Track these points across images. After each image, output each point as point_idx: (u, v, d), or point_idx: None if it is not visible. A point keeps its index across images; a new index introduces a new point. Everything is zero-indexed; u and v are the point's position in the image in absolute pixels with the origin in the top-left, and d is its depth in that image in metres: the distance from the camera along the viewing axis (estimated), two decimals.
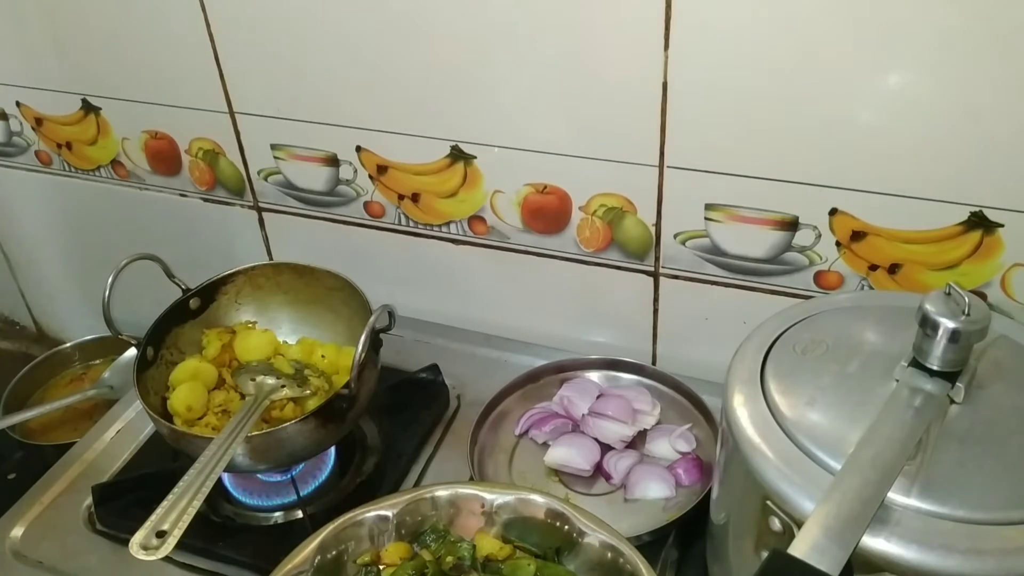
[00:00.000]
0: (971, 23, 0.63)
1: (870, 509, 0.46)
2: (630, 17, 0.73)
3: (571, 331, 0.97)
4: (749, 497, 0.54)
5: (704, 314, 0.88)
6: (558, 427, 0.85)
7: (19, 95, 1.10)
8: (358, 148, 0.93)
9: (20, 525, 0.81)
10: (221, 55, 0.93)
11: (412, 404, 0.90)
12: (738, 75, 0.72)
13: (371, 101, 0.89)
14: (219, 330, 0.89)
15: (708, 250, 0.83)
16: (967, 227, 0.72)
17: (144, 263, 0.83)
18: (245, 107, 0.96)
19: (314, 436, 0.75)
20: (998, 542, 0.46)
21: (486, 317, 1.00)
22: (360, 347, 0.74)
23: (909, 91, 0.68)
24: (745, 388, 0.58)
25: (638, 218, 0.85)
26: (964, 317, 0.51)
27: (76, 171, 1.14)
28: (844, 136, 0.72)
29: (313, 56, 0.88)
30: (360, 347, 0.74)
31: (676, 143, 0.78)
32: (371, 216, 0.98)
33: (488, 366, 0.96)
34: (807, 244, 0.79)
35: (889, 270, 0.77)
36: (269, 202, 1.03)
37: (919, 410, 0.51)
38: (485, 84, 0.83)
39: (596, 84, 0.78)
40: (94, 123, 1.07)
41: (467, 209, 0.92)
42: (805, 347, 0.60)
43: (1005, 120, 0.66)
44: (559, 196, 0.87)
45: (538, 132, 0.84)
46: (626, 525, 0.75)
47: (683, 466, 0.80)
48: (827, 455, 0.51)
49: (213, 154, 1.02)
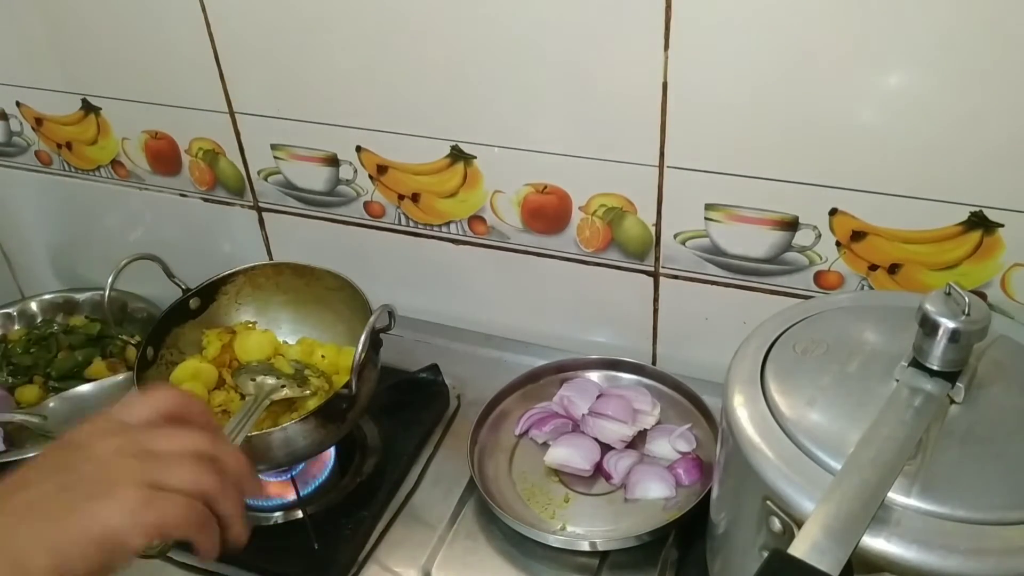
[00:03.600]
0: (971, 23, 0.63)
1: (870, 509, 0.46)
2: (630, 17, 0.73)
3: (571, 331, 0.97)
4: (749, 497, 0.54)
5: (704, 314, 0.88)
6: (558, 427, 0.85)
7: (19, 95, 1.10)
8: (358, 148, 0.93)
9: None
10: (221, 55, 0.93)
11: (412, 404, 0.90)
12: (738, 75, 0.72)
13: (371, 101, 0.89)
14: (219, 330, 0.89)
15: (708, 250, 0.83)
16: (967, 227, 0.72)
17: (144, 263, 0.84)
18: (245, 107, 0.96)
19: (314, 436, 0.75)
20: (998, 542, 0.46)
21: (486, 317, 1.00)
22: (360, 347, 0.74)
23: (909, 91, 0.68)
24: (745, 388, 0.58)
25: (638, 218, 0.85)
26: (964, 317, 0.51)
27: (76, 171, 1.14)
28: (844, 136, 0.72)
29: (313, 56, 0.88)
30: (360, 347, 0.74)
31: (676, 143, 0.78)
32: (371, 216, 0.98)
33: (488, 366, 0.96)
34: (807, 244, 0.79)
35: (889, 270, 0.77)
36: (269, 202, 1.03)
37: (919, 410, 0.51)
38: (485, 84, 0.83)
39: (596, 84, 0.78)
40: (94, 123, 1.07)
41: (467, 209, 0.92)
42: (805, 347, 0.60)
43: (1005, 120, 0.66)
44: (559, 196, 0.87)
45: (538, 132, 0.84)
46: (626, 525, 0.76)
47: (683, 466, 0.80)
48: (827, 455, 0.51)
49: (213, 154, 1.02)
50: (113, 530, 0.45)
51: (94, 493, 0.45)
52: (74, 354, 1.09)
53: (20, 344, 1.11)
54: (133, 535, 0.45)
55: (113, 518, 0.45)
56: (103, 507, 0.45)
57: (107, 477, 0.46)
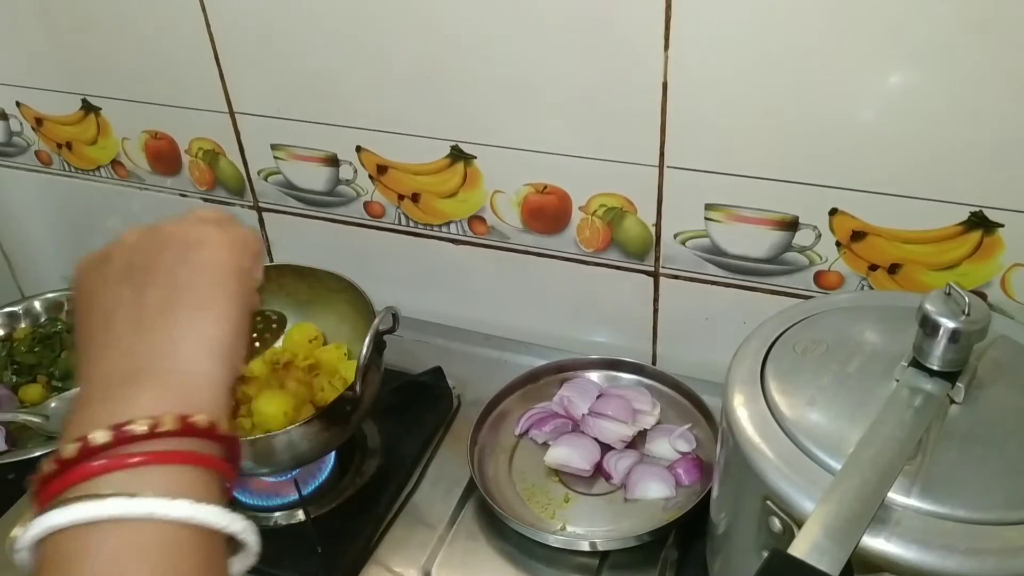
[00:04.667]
0: (971, 23, 0.63)
1: (870, 509, 0.46)
2: (630, 17, 0.73)
3: (571, 331, 0.97)
4: (749, 497, 0.54)
5: (704, 314, 0.88)
6: (558, 427, 0.85)
7: (19, 95, 1.10)
8: (358, 148, 0.93)
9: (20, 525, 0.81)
10: (221, 55, 0.93)
11: (414, 406, 0.90)
12: (738, 75, 0.72)
13: (371, 101, 0.89)
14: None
15: (708, 250, 0.83)
16: (967, 227, 0.72)
17: None
18: (245, 107, 0.96)
19: (318, 439, 0.74)
20: (998, 542, 0.46)
21: (486, 317, 1.00)
22: (365, 349, 0.74)
23: (909, 91, 0.68)
24: (745, 388, 0.58)
25: (638, 218, 0.85)
26: (964, 317, 0.51)
27: (76, 171, 1.14)
28: (844, 136, 0.72)
29: (313, 56, 0.88)
30: (365, 349, 0.74)
31: (676, 143, 0.78)
32: (371, 216, 0.98)
33: (488, 366, 0.96)
34: (807, 244, 0.79)
35: (889, 270, 0.77)
36: (269, 202, 1.03)
37: (919, 410, 0.51)
38: (485, 84, 0.83)
39: (596, 84, 0.78)
40: (94, 123, 1.07)
41: (467, 209, 0.92)
42: (805, 347, 0.60)
43: (1005, 120, 0.66)
44: (559, 196, 0.87)
45: (538, 132, 0.84)
46: (626, 525, 0.76)
47: (683, 466, 0.80)
48: (827, 455, 0.51)
49: (213, 154, 1.02)
50: (224, 261, 0.43)
51: (172, 259, 0.43)
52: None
53: (24, 343, 1.11)
54: (240, 255, 0.44)
55: (212, 253, 0.43)
56: (196, 254, 0.43)
57: (164, 245, 0.44)
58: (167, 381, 0.39)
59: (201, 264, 0.43)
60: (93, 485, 0.35)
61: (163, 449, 0.36)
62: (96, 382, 0.40)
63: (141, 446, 0.36)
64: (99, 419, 0.36)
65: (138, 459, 0.35)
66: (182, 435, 0.37)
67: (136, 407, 0.37)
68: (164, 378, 0.39)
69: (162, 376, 0.39)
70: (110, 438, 0.36)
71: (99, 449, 0.35)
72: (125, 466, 0.35)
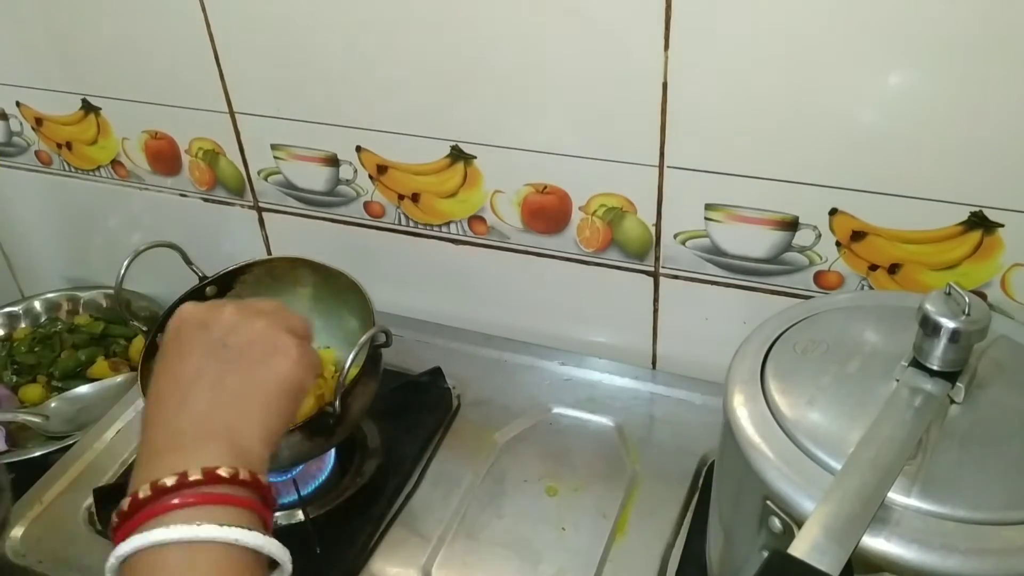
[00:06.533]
0: (971, 23, 0.63)
1: (870, 509, 0.46)
2: (630, 17, 0.73)
3: (571, 331, 0.97)
4: (749, 497, 0.54)
5: (704, 314, 0.88)
6: None
7: (19, 95, 1.10)
8: (358, 148, 0.93)
9: (20, 525, 0.81)
10: (221, 55, 0.93)
11: (414, 407, 0.89)
12: (738, 75, 0.72)
13: (371, 101, 0.89)
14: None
15: (708, 250, 0.83)
16: (967, 227, 0.72)
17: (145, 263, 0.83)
18: (245, 107, 0.96)
19: (300, 448, 0.73)
20: (998, 542, 0.46)
21: (486, 317, 1.00)
22: (347, 365, 0.70)
23: (909, 91, 0.68)
24: (745, 388, 0.58)
25: (638, 218, 0.85)
26: (964, 317, 0.51)
27: (76, 171, 1.14)
28: (844, 136, 0.72)
29: (313, 56, 0.88)
30: (347, 365, 0.70)
31: (676, 143, 0.78)
32: (371, 216, 0.98)
33: (488, 366, 0.96)
34: (807, 244, 0.79)
35: (889, 270, 0.77)
36: (269, 202, 1.03)
37: (919, 410, 0.51)
38: (485, 84, 0.83)
39: (596, 84, 0.78)
40: (94, 123, 1.07)
41: (467, 209, 0.92)
42: (805, 347, 0.60)
43: (1005, 120, 0.66)
44: (559, 196, 0.87)
45: (538, 132, 0.84)
46: None
47: None
48: (827, 455, 0.51)
49: (213, 154, 1.02)
50: (295, 377, 0.52)
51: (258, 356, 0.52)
52: (77, 353, 1.09)
53: (25, 343, 1.12)
54: (307, 376, 0.53)
55: (289, 367, 0.52)
56: (276, 362, 0.52)
57: (255, 340, 0.52)
58: (228, 450, 0.48)
59: (278, 373, 0.52)
60: (163, 519, 0.44)
61: (217, 492, 0.46)
62: (169, 435, 0.49)
63: (199, 490, 0.45)
64: (169, 467, 0.46)
65: (196, 499, 0.45)
66: (231, 483, 0.46)
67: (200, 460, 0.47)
68: (227, 447, 0.48)
69: (225, 445, 0.48)
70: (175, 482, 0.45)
71: (169, 490, 0.45)
72: (187, 504, 0.45)
